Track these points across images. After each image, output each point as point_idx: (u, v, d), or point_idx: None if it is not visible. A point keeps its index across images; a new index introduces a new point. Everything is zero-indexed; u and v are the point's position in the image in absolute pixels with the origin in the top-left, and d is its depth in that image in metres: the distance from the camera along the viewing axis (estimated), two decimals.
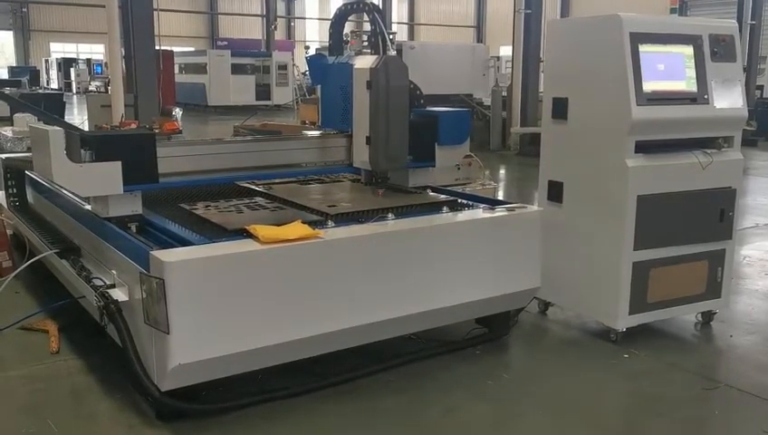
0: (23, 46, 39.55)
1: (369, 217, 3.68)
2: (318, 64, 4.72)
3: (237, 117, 19.29)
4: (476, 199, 4.29)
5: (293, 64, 27.88)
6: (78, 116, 19.56)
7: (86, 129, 10.99)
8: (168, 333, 2.93)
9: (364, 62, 4.16)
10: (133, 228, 3.70)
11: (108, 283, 3.49)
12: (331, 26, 4.69)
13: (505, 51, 28.48)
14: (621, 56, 3.88)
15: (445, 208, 3.95)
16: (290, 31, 43.81)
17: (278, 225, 3.35)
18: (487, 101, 18.36)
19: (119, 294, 3.35)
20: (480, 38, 42.23)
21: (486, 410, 3.46)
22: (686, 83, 4.10)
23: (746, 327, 4.56)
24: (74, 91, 35.23)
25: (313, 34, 43.89)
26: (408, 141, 4.39)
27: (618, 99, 3.94)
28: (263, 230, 3.24)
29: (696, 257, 4.25)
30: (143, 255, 3.11)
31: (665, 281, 4.16)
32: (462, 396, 3.57)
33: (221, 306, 3.04)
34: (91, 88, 34.03)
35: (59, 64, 37.81)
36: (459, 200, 4.16)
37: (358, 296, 3.41)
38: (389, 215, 3.72)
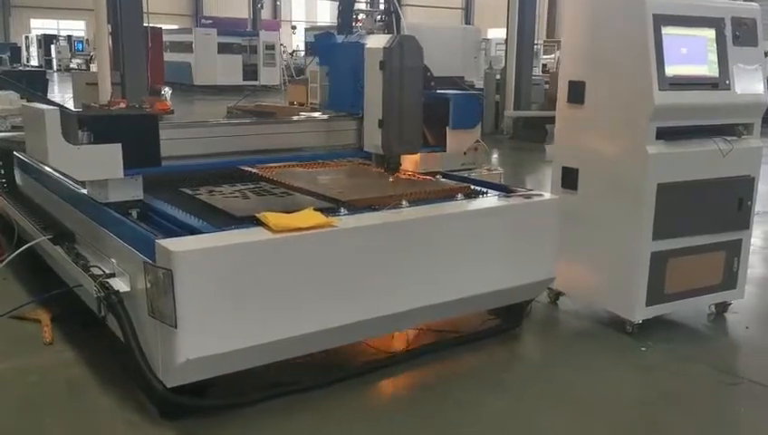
0: (3, 22, 38.63)
1: (383, 204, 3.51)
2: (326, 44, 4.52)
3: (224, 97, 18.96)
4: (489, 186, 4.14)
5: (281, 44, 27.49)
6: (59, 94, 19.13)
7: (71, 107, 10.69)
8: (175, 328, 2.76)
9: (377, 41, 3.99)
10: (134, 214, 3.51)
11: (107, 272, 3.30)
12: (341, 4, 4.49)
13: (493, 33, 28.29)
14: (644, 38, 3.73)
15: (459, 196, 3.79)
16: (276, 10, 43.18)
17: (288, 212, 3.19)
18: (479, 84, 18.19)
19: (120, 285, 3.17)
20: (468, 20, 41.94)
21: (502, 403, 3.34)
22: (708, 68, 3.96)
23: (761, 318, 4.47)
24: (55, 68, 34.53)
25: (300, 14, 43.33)
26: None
27: (639, 83, 3.80)
28: (274, 218, 3.07)
29: (714, 247, 4.14)
30: (148, 243, 2.93)
31: (682, 271, 4.05)
32: (477, 389, 3.44)
33: (231, 298, 2.88)
34: (72, 65, 33.37)
35: (39, 41, 37.01)
36: (473, 187, 4.01)
37: (372, 288, 3.25)
38: (403, 202, 3.56)
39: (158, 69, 11.55)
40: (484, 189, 3.98)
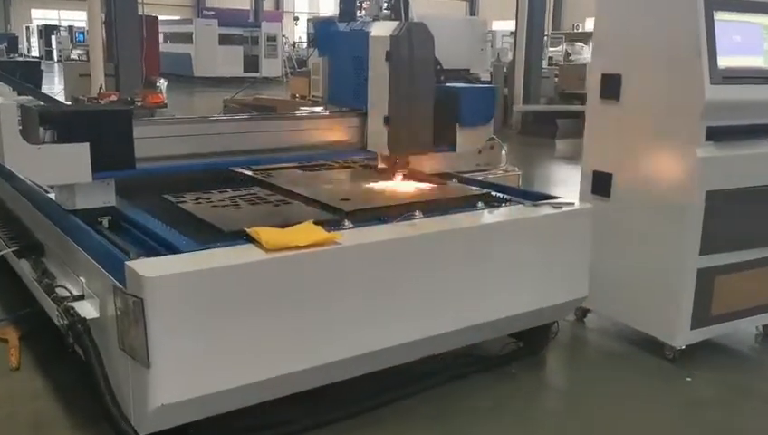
0: (3, 12, 38.13)
1: (393, 214, 3.05)
2: (326, 31, 4.04)
3: (224, 89, 18.45)
4: (511, 192, 3.67)
5: (282, 35, 27.02)
6: (59, 85, 18.65)
7: (63, 100, 10.24)
8: (147, 367, 2.31)
9: (383, 29, 3.53)
10: (105, 223, 3.05)
11: (75, 293, 2.85)
12: None
13: (498, 25, 27.74)
14: (694, 25, 3.25)
15: (480, 204, 3.32)
16: (278, 1, 42.59)
17: (284, 226, 2.72)
18: (485, 77, 17.71)
19: (88, 310, 2.71)
20: (473, 11, 41.29)
21: None
22: (764, 59, 3.50)
23: None
24: (56, 59, 34.04)
25: (302, 5, 42.75)
26: None
27: (687, 76, 3.33)
28: (267, 234, 2.60)
29: (765, 262, 3.67)
30: (117, 263, 2.47)
31: (731, 290, 3.58)
32: (502, 427, 2.99)
33: (216, 331, 2.41)
34: (72, 56, 32.85)
35: (40, 32, 36.56)
36: (494, 194, 3.54)
37: (381, 315, 2.79)
38: (416, 212, 3.09)
39: (154, 60, 11.06)
40: (507, 196, 3.51)
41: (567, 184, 9.12)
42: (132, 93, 8.39)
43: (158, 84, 9.73)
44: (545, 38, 15.53)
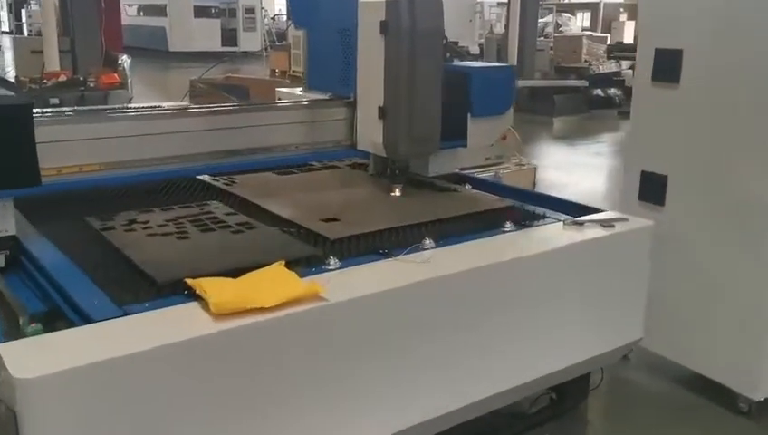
0: None
1: (396, 244, 2.24)
2: None
3: (201, 64, 17.40)
4: (540, 201, 2.88)
5: (261, 8, 25.92)
6: None
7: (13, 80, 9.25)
8: None
9: None
10: (1, 261, 2.23)
11: None
12: None
13: None
14: None
15: (508, 224, 2.51)
16: None
17: (241, 271, 1.91)
18: (474, 50, 16.96)
19: None
20: None
21: None
22: None
23: None
24: (26, 33, 32.66)
25: None
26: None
27: None
28: (217, 291, 1.78)
29: None
30: None
31: None
32: None
33: None
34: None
35: (9, 5, 35.11)
36: (523, 206, 2.75)
37: (384, 396, 2.00)
38: (427, 240, 2.28)
39: (115, 33, 10.02)
40: (540, 211, 2.71)
41: (576, 170, 8.37)
42: (86, 73, 7.46)
43: (120, 61, 8.75)
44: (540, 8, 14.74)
